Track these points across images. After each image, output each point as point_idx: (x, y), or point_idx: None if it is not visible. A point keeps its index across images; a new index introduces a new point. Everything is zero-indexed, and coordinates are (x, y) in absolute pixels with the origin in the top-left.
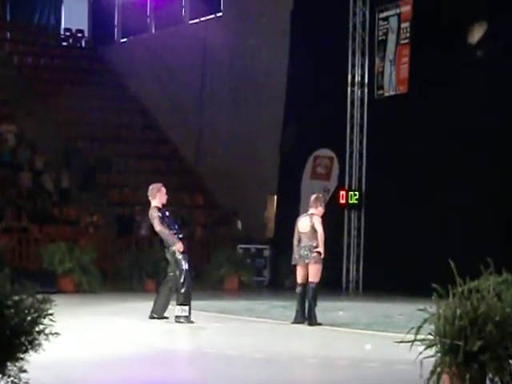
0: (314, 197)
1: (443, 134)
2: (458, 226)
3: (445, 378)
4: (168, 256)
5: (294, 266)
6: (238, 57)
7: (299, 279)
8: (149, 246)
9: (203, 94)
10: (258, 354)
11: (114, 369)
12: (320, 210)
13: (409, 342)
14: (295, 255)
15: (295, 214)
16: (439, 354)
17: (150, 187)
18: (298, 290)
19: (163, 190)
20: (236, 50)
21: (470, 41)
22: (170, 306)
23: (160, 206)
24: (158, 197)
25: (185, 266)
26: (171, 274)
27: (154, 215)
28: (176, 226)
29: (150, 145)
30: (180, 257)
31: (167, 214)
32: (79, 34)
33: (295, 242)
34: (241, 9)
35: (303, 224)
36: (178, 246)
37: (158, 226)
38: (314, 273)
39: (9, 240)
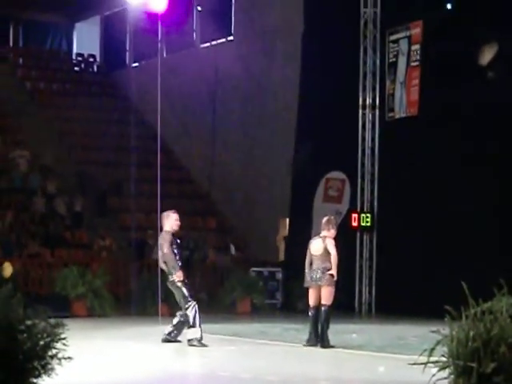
0: (325, 219)
1: (455, 155)
2: (470, 247)
3: None
4: (168, 285)
5: (307, 289)
6: (250, 80)
7: (312, 302)
8: (161, 270)
9: (215, 117)
10: (271, 377)
11: None
12: (332, 232)
13: (422, 364)
14: (307, 278)
15: (307, 237)
16: (452, 376)
17: (163, 214)
18: (311, 312)
19: (172, 216)
20: (247, 73)
21: (480, 62)
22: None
23: (171, 231)
24: (168, 223)
25: (187, 291)
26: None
27: (166, 238)
28: (179, 257)
29: (162, 169)
30: (179, 284)
31: (177, 241)
32: (91, 59)
33: (307, 264)
34: (252, 32)
35: (316, 246)
36: (179, 275)
37: (166, 249)
38: (327, 295)
39: (21, 265)
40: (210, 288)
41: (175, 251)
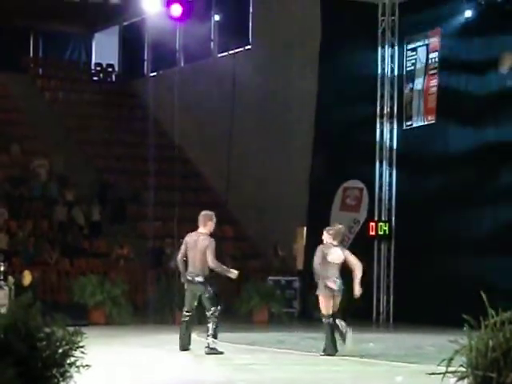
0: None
1: (473, 163)
2: (489, 256)
3: None
4: (197, 288)
5: (317, 296)
6: (267, 89)
7: (330, 310)
8: (179, 279)
9: (232, 126)
10: None
11: None
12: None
13: (440, 373)
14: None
15: None
16: None
17: (202, 213)
18: (329, 320)
19: (214, 218)
20: (265, 82)
21: (500, 70)
22: (197, 338)
23: (209, 233)
24: (209, 225)
25: (215, 298)
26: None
27: (213, 244)
28: None
29: (179, 177)
30: (212, 291)
31: None
32: (109, 69)
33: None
34: (269, 41)
35: (335, 255)
36: (235, 273)
37: (212, 254)
38: (338, 304)
39: (40, 273)
40: (226, 297)
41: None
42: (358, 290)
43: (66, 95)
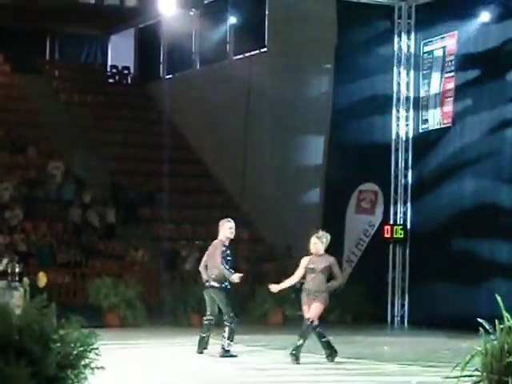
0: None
1: (490, 165)
2: (506, 260)
3: None
4: (213, 292)
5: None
6: (283, 92)
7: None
8: (194, 281)
9: (247, 128)
10: None
11: None
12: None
13: (455, 377)
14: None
15: (339, 249)
16: None
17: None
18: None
19: (227, 224)
20: (280, 85)
21: None
22: (212, 341)
23: (225, 240)
24: (222, 231)
25: (231, 303)
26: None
27: (218, 247)
28: (228, 267)
29: (194, 180)
30: (229, 292)
31: (228, 251)
32: (125, 71)
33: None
34: (285, 44)
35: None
36: (235, 277)
37: (217, 258)
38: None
39: (55, 275)
40: (241, 299)
41: (226, 259)
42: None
43: (81, 97)
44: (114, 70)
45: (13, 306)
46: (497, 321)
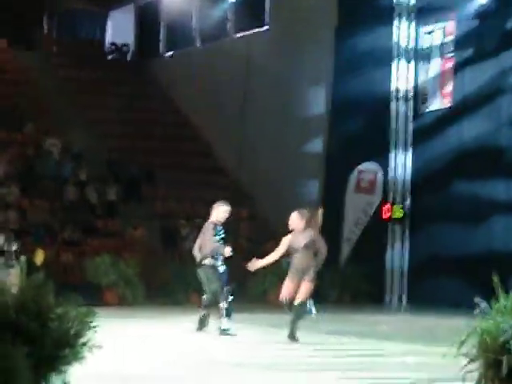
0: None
1: (489, 146)
2: (505, 238)
3: None
4: (204, 272)
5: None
6: (282, 69)
7: None
8: (193, 260)
9: (246, 106)
10: (303, 366)
11: (156, 381)
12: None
13: (452, 355)
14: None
15: (339, 227)
16: (482, 369)
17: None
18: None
19: (221, 207)
20: (280, 63)
21: None
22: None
23: (216, 222)
24: (215, 213)
25: (225, 281)
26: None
27: (209, 228)
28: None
29: (194, 157)
30: (222, 271)
31: (221, 230)
32: (124, 48)
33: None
34: (286, 22)
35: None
36: (227, 250)
37: (211, 237)
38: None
39: (53, 252)
40: (241, 277)
41: (220, 237)
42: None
43: (80, 73)
44: (113, 47)
45: (9, 284)
46: (493, 300)
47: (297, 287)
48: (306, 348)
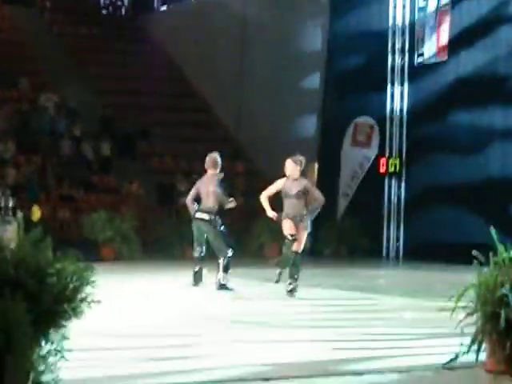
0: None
1: (484, 98)
2: (502, 193)
3: (486, 345)
4: (211, 225)
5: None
6: (278, 24)
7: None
8: (189, 215)
9: (242, 60)
10: (298, 322)
11: (147, 335)
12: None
13: (449, 309)
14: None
15: (336, 181)
16: (480, 322)
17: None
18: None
19: (217, 159)
20: (276, 17)
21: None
22: (207, 273)
23: (218, 173)
24: (214, 166)
25: (225, 236)
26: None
27: (213, 179)
28: None
29: (189, 113)
30: (221, 225)
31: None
32: (119, 3)
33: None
34: None
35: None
36: (233, 203)
37: (213, 188)
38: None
39: (50, 209)
40: (237, 233)
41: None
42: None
43: (74, 29)
44: (108, 2)
45: (7, 240)
46: (491, 253)
47: (296, 228)
48: (302, 303)
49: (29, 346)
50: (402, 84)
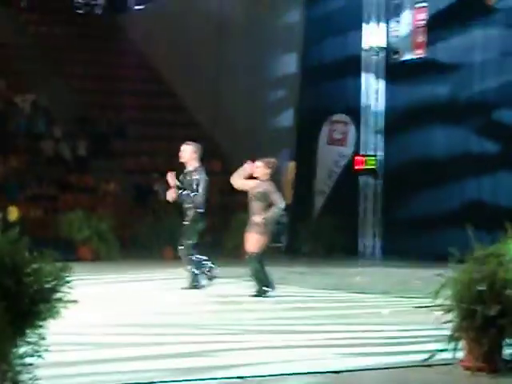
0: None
1: (462, 96)
2: (476, 190)
3: (463, 342)
4: (191, 220)
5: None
6: (255, 20)
7: None
8: (166, 214)
9: (219, 59)
10: (275, 321)
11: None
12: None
13: (426, 306)
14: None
15: (313, 180)
16: (457, 319)
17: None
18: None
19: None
20: (252, 13)
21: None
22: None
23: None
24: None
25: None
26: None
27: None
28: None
29: (166, 112)
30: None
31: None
32: (94, 2)
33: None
34: None
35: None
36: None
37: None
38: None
39: (27, 208)
40: (214, 231)
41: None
42: None
43: (50, 29)
44: (83, 1)
45: None
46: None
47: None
48: (278, 301)
49: (7, 345)
50: (378, 78)
